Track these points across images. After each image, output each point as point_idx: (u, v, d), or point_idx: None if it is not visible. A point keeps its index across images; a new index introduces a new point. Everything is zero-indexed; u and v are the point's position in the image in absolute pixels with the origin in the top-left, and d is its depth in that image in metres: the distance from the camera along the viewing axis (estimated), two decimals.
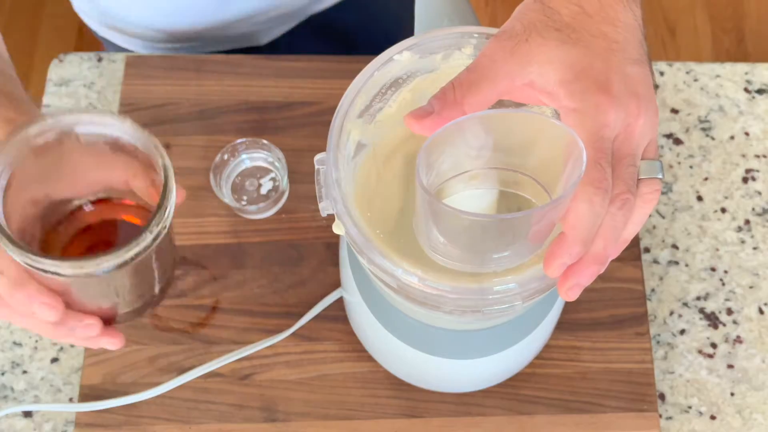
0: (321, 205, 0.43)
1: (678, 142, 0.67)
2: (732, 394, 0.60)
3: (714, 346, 0.61)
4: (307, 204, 0.63)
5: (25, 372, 0.59)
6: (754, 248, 0.64)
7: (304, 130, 0.65)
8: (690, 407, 0.59)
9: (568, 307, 0.59)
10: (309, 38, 0.78)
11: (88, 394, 0.58)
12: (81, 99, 0.67)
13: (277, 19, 0.74)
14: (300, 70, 0.67)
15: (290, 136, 0.65)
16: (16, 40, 1.46)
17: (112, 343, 0.48)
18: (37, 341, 0.60)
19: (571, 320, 0.60)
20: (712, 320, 0.62)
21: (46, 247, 0.46)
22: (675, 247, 0.64)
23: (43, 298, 0.44)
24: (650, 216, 0.65)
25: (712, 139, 0.67)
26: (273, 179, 0.63)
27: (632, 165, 0.40)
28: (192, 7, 0.70)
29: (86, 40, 1.48)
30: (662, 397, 0.60)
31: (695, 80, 0.69)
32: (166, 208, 0.42)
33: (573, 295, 0.40)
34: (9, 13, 1.52)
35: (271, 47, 0.78)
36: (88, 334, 0.47)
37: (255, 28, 0.74)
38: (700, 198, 0.65)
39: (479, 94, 0.39)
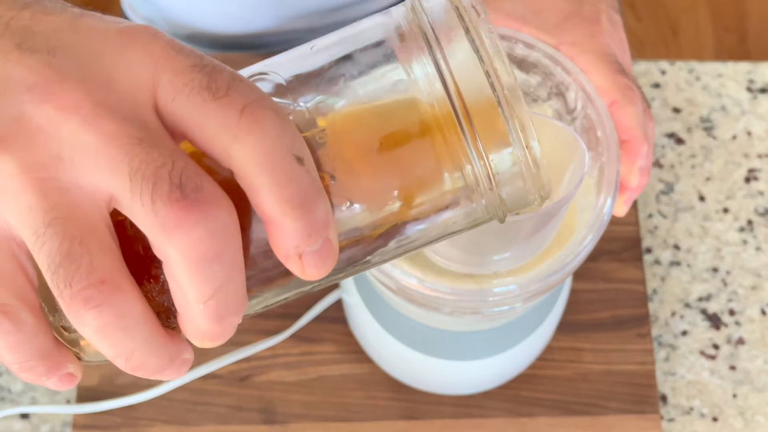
0: None
1: (680, 141, 0.67)
2: (734, 396, 0.59)
3: (716, 347, 0.61)
4: None
5: None
6: (757, 249, 0.63)
7: None
8: (692, 409, 0.59)
9: (569, 308, 0.59)
10: None
11: (85, 395, 0.58)
12: None
13: (335, 14, 0.73)
14: None
15: None
16: None
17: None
18: None
19: (572, 321, 0.60)
20: (714, 321, 0.61)
21: None
22: (677, 247, 0.63)
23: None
24: (651, 216, 0.64)
25: (714, 138, 0.67)
26: None
27: (639, 88, 0.46)
28: (254, 6, 0.69)
29: None
30: (664, 398, 0.59)
31: (697, 79, 0.69)
32: None
33: (627, 209, 0.46)
34: None
35: None
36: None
37: (314, 23, 0.73)
38: (702, 198, 0.65)
39: None
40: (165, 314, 0.26)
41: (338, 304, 0.60)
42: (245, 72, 0.27)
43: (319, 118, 0.27)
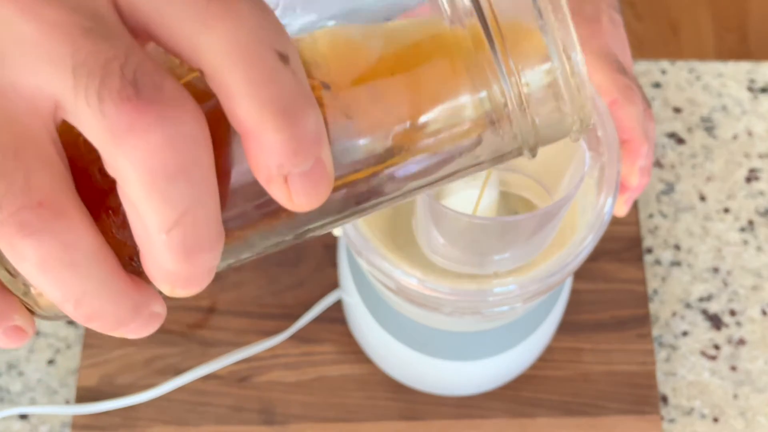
0: None
1: (680, 141, 0.67)
2: (735, 397, 0.59)
3: (717, 347, 0.61)
4: None
5: (21, 374, 0.59)
6: (758, 249, 0.63)
7: None
8: (693, 409, 0.59)
9: (569, 308, 0.59)
10: None
11: (84, 396, 0.58)
12: None
13: None
14: None
15: None
16: None
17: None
18: (33, 341, 0.60)
19: (572, 322, 0.60)
20: (715, 322, 0.61)
21: None
22: (677, 247, 0.63)
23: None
24: (652, 216, 0.64)
25: (715, 138, 0.67)
26: None
27: (640, 87, 0.45)
28: None
29: None
30: (664, 399, 0.59)
31: (698, 79, 0.68)
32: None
33: (627, 209, 0.46)
34: None
35: None
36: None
37: None
38: (702, 198, 0.65)
39: None
40: (128, 256, 0.22)
41: (338, 305, 0.60)
42: None
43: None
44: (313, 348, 0.59)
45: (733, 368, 0.60)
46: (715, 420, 0.59)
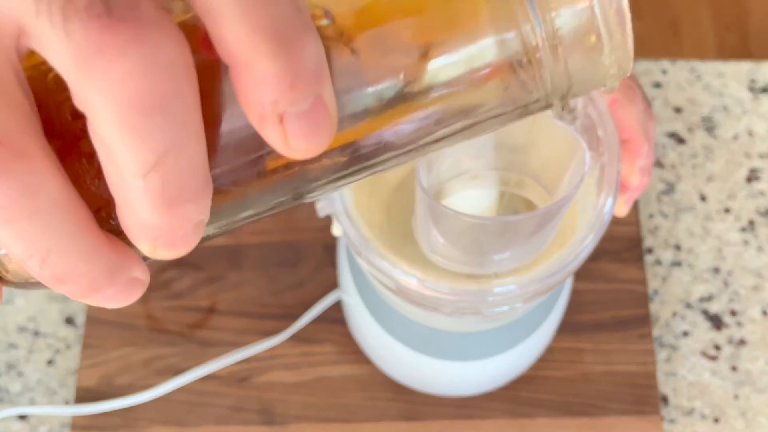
0: (319, 206, 0.42)
1: (681, 141, 0.66)
2: (736, 397, 0.59)
3: (717, 348, 0.60)
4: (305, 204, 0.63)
5: (20, 374, 0.59)
6: (758, 249, 0.63)
7: None
8: (693, 410, 0.59)
9: (569, 308, 0.59)
10: None
11: (84, 396, 0.58)
12: None
13: None
14: None
15: None
16: None
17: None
18: (33, 342, 0.60)
19: (573, 322, 0.60)
20: (716, 322, 0.61)
21: None
22: (678, 247, 0.63)
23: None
24: (652, 216, 0.64)
25: (716, 138, 0.66)
26: None
27: (640, 87, 0.45)
28: None
29: None
30: (665, 399, 0.59)
31: (698, 79, 0.68)
32: None
33: (628, 209, 0.45)
34: None
35: None
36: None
37: None
38: (703, 198, 0.65)
39: None
40: (106, 212, 0.19)
41: (338, 305, 0.60)
42: None
43: None
44: (313, 348, 0.59)
45: (734, 368, 0.60)
46: (716, 420, 0.59)
